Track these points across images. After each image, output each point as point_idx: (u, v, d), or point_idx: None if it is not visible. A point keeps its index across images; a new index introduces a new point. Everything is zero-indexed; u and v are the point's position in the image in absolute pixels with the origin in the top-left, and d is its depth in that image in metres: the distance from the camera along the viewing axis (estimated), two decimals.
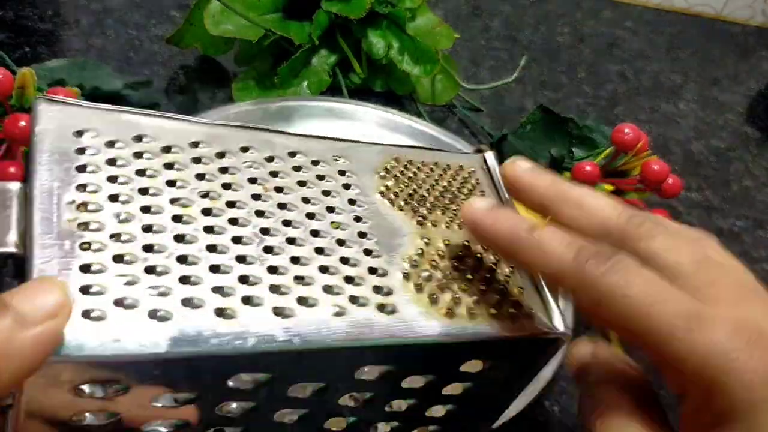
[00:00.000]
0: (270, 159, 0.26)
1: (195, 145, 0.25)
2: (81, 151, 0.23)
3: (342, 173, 0.27)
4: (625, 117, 0.69)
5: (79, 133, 0.24)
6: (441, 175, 0.30)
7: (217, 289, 0.22)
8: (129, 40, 0.63)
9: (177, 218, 0.23)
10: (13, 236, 0.21)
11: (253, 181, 0.25)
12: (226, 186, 0.24)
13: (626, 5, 0.90)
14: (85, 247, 0.21)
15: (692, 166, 0.65)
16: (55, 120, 0.23)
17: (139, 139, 0.24)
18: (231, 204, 0.24)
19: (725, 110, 0.75)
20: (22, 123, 0.43)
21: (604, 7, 0.88)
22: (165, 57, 0.62)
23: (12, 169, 0.43)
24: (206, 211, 0.24)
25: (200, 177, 0.24)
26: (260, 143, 0.27)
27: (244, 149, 0.26)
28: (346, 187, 0.27)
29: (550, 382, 0.40)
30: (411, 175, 0.29)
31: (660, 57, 0.81)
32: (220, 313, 0.21)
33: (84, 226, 0.21)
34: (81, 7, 0.66)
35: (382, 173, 0.28)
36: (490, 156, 0.31)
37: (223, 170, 0.25)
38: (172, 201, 0.23)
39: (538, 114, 0.59)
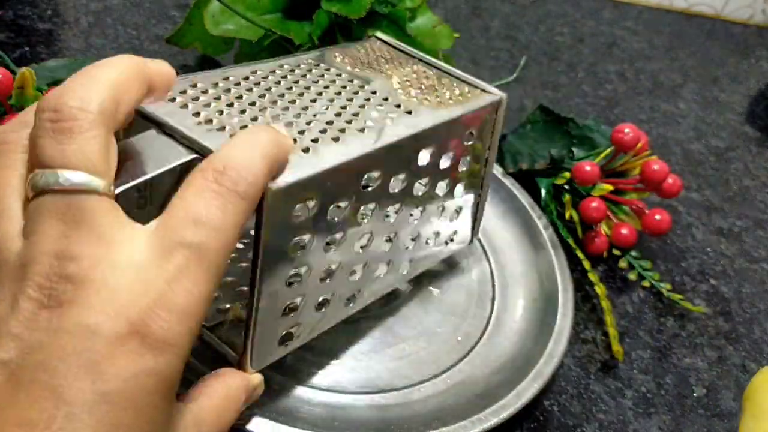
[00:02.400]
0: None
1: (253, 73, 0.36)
2: (183, 92, 0.33)
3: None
4: (625, 117, 0.70)
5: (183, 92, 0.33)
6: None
7: (323, 131, 0.32)
8: (129, 40, 0.63)
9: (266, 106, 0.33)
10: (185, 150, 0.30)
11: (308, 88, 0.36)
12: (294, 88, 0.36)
13: (626, 5, 0.90)
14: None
15: (692, 166, 0.65)
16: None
17: (216, 84, 0.34)
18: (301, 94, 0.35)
19: (725, 110, 0.75)
20: None
21: (604, 7, 0.88)
22: (165, 57, 0.62)
23: None
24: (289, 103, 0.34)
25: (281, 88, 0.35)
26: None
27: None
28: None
29: (550, 382, 0.40)
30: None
31: (660, 57, 0.82)
32: (336, 139, 0.32)
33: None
34: (81, 7, 0.66)
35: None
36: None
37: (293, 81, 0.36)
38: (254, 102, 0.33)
39: (538, 114, 0.59)
